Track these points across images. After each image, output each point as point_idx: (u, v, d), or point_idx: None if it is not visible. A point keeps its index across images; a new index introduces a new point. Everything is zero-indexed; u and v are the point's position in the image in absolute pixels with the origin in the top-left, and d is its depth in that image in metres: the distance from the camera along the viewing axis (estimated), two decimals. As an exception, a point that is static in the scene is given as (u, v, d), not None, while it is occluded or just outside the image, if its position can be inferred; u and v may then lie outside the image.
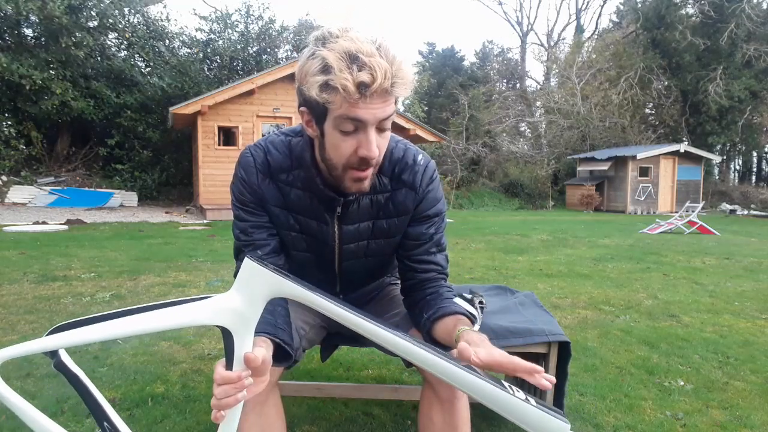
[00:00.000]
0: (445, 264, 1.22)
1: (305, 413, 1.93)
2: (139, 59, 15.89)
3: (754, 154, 26.94)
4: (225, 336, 0.69)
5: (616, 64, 22.51)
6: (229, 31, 17.19)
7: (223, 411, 0.71)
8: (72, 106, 13.18)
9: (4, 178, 12.61)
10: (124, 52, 16.01)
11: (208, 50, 16.70)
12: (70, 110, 13.31)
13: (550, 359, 1.60)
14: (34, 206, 11.79)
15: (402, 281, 1.26)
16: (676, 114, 21.63)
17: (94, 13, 13.67)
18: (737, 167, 28.09)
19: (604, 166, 17.77)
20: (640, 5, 21.93)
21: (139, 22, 16.24)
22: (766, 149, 26.24)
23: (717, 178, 22.95)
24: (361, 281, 1.38)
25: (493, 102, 24.28)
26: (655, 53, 20.98)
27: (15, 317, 3.10)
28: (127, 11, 15.29)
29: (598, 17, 61.13)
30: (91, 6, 13.41)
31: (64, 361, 0.76)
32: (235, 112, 11.62)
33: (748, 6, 18.76)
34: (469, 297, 1.58)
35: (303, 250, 1.21)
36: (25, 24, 13.25)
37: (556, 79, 27.15)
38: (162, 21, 16.87)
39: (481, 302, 1.57)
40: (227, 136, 12.01)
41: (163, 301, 0.71)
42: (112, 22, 14.28)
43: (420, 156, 1.17)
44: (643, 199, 17.59)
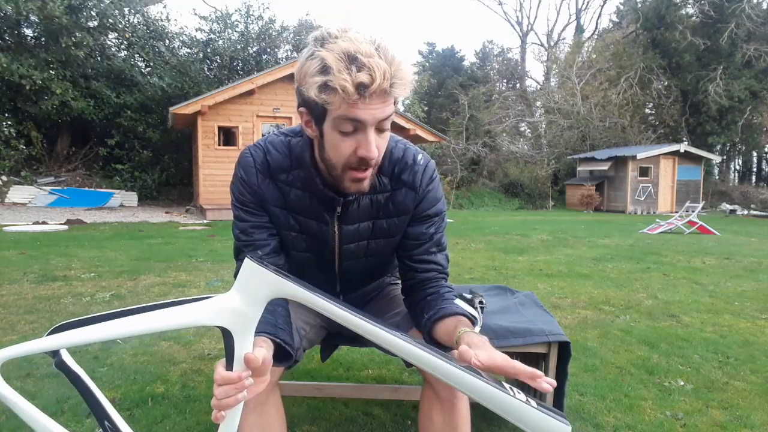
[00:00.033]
0: (446, 264, 1.22)
1: (305, 413, 1.93)
2: (139, 59, 15.89)
3: (754, 154, 26.95)
4: (225, 336, 0.69)
5: (616, 64, 22.51)
6: (229, 31, 17.19)
7: (224, 411, 0.71)
8: (72, 106, 13.18)
9: (4, 178, 12.61)
10: (124, 52, 16.02)
11: (208, 50, 16.70)
12: (70, 110, 13.31)
13: (550, 359, 1.60)
14: (34, 206, 11.79)
15: (402, 281, 1.26)
16: (676, 114, 21.63)
17: (94, 13, 13.67)
18: (737, 167, 28.10)
19: (604, 166, 17.76)
20: (640, 5, 21.93)
21: (139, 22, 16.24)
22: (766, 149, 26.25)
23: (717, 178, 22.95)
24: (361, 281, 1.38)
25: (493, 102, 24.27)
26: (655, 53, 20.98)
27: (15, 317, 3.10)
28: (127, 11, 15.29)
29: (598, 17, 61.23)
30: (91, 6, 13.40)
31: (65, 360, 0.76)
32: (235, 112, 11.62)
33: (748, 6, 18.76)
34: (469, 297, 1.58)
35: (303, 250, 1.21)
36: (25, 24, 13.25)
37: (556, 79, 27.17)
38: (162, 21, 16.89)
39: (481, 302, 1.58)
40: (227, 136, 12.01)
41: (163, 301, 0.70)
42: (112, 22, 14.28)
43: (420, 156, 1.17)
44: (643, 199, 17.59)
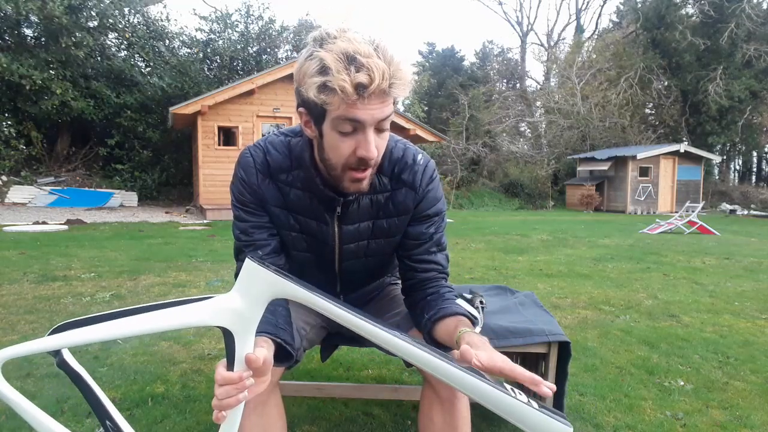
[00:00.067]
0: (446, 263, 1.22)
1: (305, 413, 1.93)
2: (139, 59, 15.89)
3: (754, 154, 26.95)
4: (226, 336, 0.69)
5: (616, 64, 22.50)
6: (229, 31, 17.19)
7: (225, 411, 0.72)
8: (72, 106, 13.18)
9: (4, 178, 12.61)
10: (124, 52, 16.02)
11: (208, 50, 16.70)
12: (70, 110, 13.31)
13: (550, 359, 1.60)
14: (34, 206, 11.79)
15: (402, 281, 1.26)
16: (676, 114, 21.63)
17: (94, 13, 13.67)
18: (737, 167, 28.10)
19: (604, 166, 17.76)
20: (640, 5, 21.92)
21: (139, 22, 16.24)
22: (766, 149, 26.24)
23: (717, 178, 22.94)
24: (362, 281, 1.38)
25: (493, 102, 24.27)
26: (655, 53, 20.98)
27: (15, 317, 3.11)
28: (127, 11, 15.29)
29: (598, 17, 61.19)
30: (91, 6, 13.40)
31: (67, 359, 0.76)
32: (235, 112, 11.62)
33: (748, 6, 18.75)
34: (469, 297, 1.58)
35: (303, 250, 1.21)
36: (25, 24, 13.25)
37: (556, 79, 27.16)
38: (162, 21, 16.89)
39: (481, 302, 1.57)
40: (227, 136, 12.01)
41: (164, 302, 0.70)
42: (112, 22, 14.28)
43: (420, 155, 1.17)
44: (643, 199, 17.59)
